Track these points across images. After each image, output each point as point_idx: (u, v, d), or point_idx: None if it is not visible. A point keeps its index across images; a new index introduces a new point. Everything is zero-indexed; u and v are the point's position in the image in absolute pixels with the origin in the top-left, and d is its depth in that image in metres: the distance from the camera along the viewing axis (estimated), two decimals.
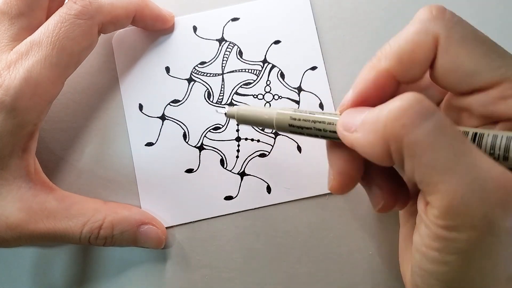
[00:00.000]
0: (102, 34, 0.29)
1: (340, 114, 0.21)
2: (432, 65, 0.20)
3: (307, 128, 0.22)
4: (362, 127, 0.19)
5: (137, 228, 0.28)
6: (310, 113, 0.22)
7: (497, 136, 0.18)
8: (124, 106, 0.31)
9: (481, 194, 0.17)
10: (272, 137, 0.30)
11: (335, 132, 0.21)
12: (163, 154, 0.30)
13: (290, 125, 0.23)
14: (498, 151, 0.17)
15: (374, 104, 0.20)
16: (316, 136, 0.22)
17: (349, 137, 0.20)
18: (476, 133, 0.18)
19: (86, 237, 0.27)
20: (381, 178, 0.23)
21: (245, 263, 0.29)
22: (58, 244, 0.30)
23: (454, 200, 0.17)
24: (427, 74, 0.21)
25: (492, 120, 0.20)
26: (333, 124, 0.21)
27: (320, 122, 0.22)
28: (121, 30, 0.31)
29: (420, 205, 0.20)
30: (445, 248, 0.18)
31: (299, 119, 0.22)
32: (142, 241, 0.28)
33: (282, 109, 0.23)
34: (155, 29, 0.31)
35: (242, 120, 0.25)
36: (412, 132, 0.17)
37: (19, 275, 0.30)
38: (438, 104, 0.23)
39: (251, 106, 0.25)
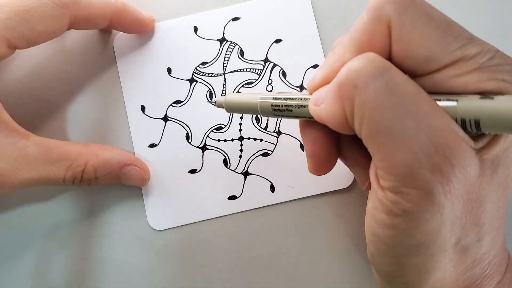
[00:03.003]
0: (102, 36, 0.29)
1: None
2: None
3: (288, 110, 0.23)
4: (325, 97, 0.20)
5: (120, 170, 0.28)
6: (289, 95, 0.23)
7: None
8: (126, 107, 0.31)
9: (421, 157, 0.17)
10: (275, 136, 0.30)
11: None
12: (166, 155, 0.30)
13: (274, 109, 0.23)
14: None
15: None
16: (296, 117, 0.23)
17: (316, 110, 0.20)
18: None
19: (70, 180, 0.27)
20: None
21: (245, 263, 0.29)
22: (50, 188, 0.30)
23: (396, 162, 0.17)
24: None
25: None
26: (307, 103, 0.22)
27: (297, 101, 0.22)
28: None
29: (372, 170, 0.20)
30: (391, 210, 0.18)
31: (281, 99, 0.23)
32: (125, 181, 0.29)
33: (264, 93, 0.24)
34: (134, 33, 0.31)
35: (230, 108, 0.26)
36: (362, 92, 0.17)
37: (19, 275, 0.30)
38: None
39: (237, 93, 0.27)
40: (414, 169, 0.17)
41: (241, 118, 0.30)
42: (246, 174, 0.30)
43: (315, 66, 0.30)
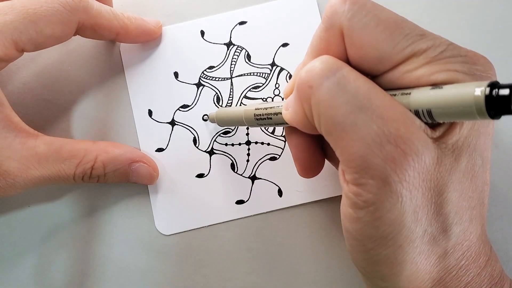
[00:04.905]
0: (105, 43, 0.29)
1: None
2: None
3: (269, 118, 0.24)
4: (290, 100, 0.21)
5: (129, 166, 0.28)
6: (269, 105, 0.24)
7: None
8: (133, 112, 0.31)
9: (374, 148, 0.18)
10: (283, 140, 0.30)
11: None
12: (173, 159, 0.30)
13: (256, 118, 0.25)
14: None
15: None
16: (276, 124, 0.24)
17: (286, 115, 0.22)
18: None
19: (80, 177, 0.27)
20: None
21: (253, 267, 0.29)
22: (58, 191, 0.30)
23: (351, 154, 0.18)
24: None
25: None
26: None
27: (275, 109, 0.24)
28: None
29: (339, 166, 0.20)
30: (355, 203, 0.19)
31: (262, 109, 0.24)
32: (134, 178, 0.29)
33: (249, 105, 0.26)
34: (141, 42, 0.31)
35: (221, 122, 0.28)
36: (316, 92, 0.19)
37: (19, 275, 0.30)
38: None
39: (226, 108, 0.28)
40: (368, 159, 0.18)
41: None
42: (253, 178, 0.30)
43: None
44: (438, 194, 0.19)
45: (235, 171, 0.30)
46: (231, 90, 0.31)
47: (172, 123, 0.30)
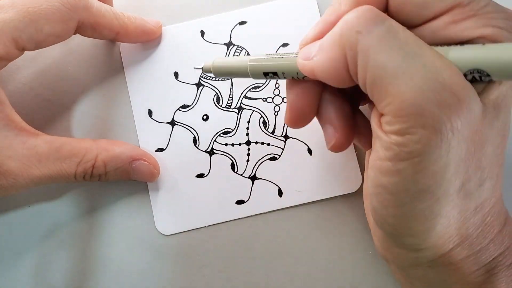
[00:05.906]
0: (109, 40, 0.29)
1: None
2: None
3: (277, 70, 0.23)
4: (320, 49, 0.20)
5: (129, 165, 0.28)
6: (279, 55, 0.23)
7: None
8: (133, 112, 0.31)
9: (429, 94, 0.17)
10: (283, 140, 0.30)
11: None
12: (173, 159, 0.30)
13: (264, 73, 0.23)
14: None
15: None
16: (285, 77, 0.23)
17: (308, 64, 0.21)
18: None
19: (81, 176, 0.27)
20: (336, 117, 0.23)
21: (253, 268, 0.29)
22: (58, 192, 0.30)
23: (403, 101, 0.17)
24: None
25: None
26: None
27: (290, 61, 0.22)
28: None
29: (374, 119, 0.20)
30: (397, 155, 0.18)
31: (274, 59, 0.23)
32: (134, 176, 0.29)
33: (253, 56, 0.24)
34: (141, 42, 0.31)
35: (219, 72, 0.25)
36: (365, 37, 0.18)
37: (19, 275, 0.30)
38: None
39: (225, 57, 0.25)
40: (423, 106, 0.17)
41: (248, 122, 0.30)
42: (253, 178, 0.30)
43: None
44: (480, 148, 0.19)
45: (235, 171, 0.30)
46: (231, 90, 0.31)
47: (172, 123, 0.30)
